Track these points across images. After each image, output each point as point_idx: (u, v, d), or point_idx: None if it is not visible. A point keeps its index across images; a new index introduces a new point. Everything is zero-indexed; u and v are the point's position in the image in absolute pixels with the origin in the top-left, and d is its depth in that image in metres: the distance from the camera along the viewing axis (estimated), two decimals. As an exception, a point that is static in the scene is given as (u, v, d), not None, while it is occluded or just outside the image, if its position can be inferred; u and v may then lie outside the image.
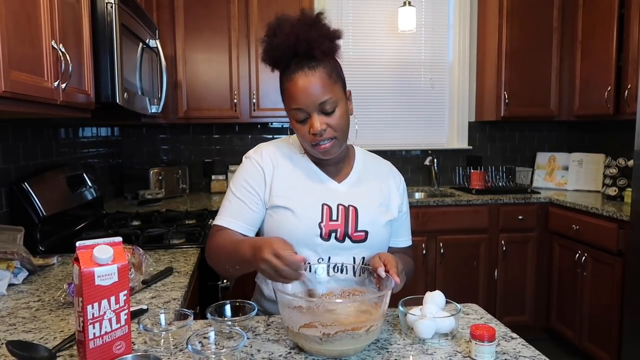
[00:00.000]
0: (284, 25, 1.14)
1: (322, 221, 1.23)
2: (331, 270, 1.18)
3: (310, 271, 1.14)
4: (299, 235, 1.21)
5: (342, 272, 1.17)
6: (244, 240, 1.15)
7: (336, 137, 1.19)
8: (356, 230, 1.25)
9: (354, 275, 1.17)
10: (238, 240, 1.17)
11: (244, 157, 1.32)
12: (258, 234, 1.30)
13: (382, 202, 1.31)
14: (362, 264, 1.24)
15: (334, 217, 1.24)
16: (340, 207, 1.26)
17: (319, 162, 1.30)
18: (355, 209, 1.26)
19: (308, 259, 1.13)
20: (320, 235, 1.22)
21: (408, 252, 1.41)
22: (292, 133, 1.30)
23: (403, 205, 1.37)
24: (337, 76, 1.19)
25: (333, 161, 1.29)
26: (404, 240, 1.41)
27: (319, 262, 1.21)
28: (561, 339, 3.17)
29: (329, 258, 1.24)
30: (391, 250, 1.35)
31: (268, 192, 1.26)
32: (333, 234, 1.23)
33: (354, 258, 1.25)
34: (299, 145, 1.31)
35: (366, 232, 1.25)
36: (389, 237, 1.33)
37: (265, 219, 1.28)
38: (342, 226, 1.24)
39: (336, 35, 1.17)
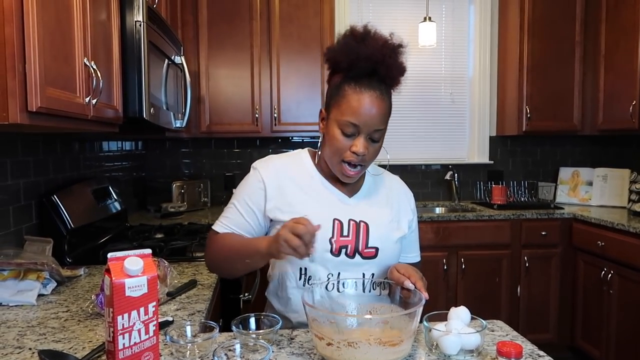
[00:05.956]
0: (375, 38, 1.18)
1: (332, 236, 1.22)
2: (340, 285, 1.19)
3: (343, 287, 1.16)
4: None
5: (345, 287, 1.18)
6: (258, 237, 1.24)
7: (365, 166, 1.22)
8: (367, 247, 1.24)
9: (363, 291, 1.18)
10: (249, 238, 1.24)
11: (252, 165, 1.31)
12: None
13: (393, 218, 1.30)
14: (372, 280, 1.24)
15: (345, 233, 1.23)
16: (352, 222, 1.24)
17: (329, 176, 1.29)
18: (367, 225, 1.25)
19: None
20: (331, 251, 1.21)
21: (417, 267, 1.40)
22: (304, 147, 1.33)
23: (413, 222, 1.37)
24: (391, 112, 1.23)
25: None
26: (414, 256, 1.40)
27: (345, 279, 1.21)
28: (587, 358, 3.09)
29: (339, 274, 1.22)
30: None
31: (269, 205, 1.25)
32: (343, 250, 1.22)
33: (364, 274, 1.24)
34: (310, 160, 1.32)
35: (377, 249, 1.24)
36: (399, 254, 1.31)
37: (271, 233, 1.27)
38: (352, 242, 1.23)
39: (405, 71, 1.21)
